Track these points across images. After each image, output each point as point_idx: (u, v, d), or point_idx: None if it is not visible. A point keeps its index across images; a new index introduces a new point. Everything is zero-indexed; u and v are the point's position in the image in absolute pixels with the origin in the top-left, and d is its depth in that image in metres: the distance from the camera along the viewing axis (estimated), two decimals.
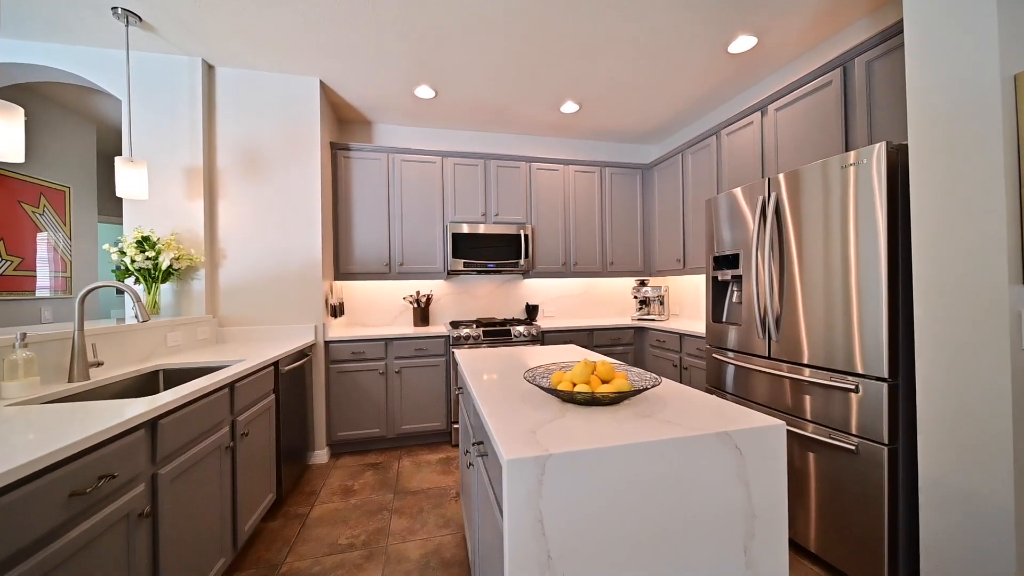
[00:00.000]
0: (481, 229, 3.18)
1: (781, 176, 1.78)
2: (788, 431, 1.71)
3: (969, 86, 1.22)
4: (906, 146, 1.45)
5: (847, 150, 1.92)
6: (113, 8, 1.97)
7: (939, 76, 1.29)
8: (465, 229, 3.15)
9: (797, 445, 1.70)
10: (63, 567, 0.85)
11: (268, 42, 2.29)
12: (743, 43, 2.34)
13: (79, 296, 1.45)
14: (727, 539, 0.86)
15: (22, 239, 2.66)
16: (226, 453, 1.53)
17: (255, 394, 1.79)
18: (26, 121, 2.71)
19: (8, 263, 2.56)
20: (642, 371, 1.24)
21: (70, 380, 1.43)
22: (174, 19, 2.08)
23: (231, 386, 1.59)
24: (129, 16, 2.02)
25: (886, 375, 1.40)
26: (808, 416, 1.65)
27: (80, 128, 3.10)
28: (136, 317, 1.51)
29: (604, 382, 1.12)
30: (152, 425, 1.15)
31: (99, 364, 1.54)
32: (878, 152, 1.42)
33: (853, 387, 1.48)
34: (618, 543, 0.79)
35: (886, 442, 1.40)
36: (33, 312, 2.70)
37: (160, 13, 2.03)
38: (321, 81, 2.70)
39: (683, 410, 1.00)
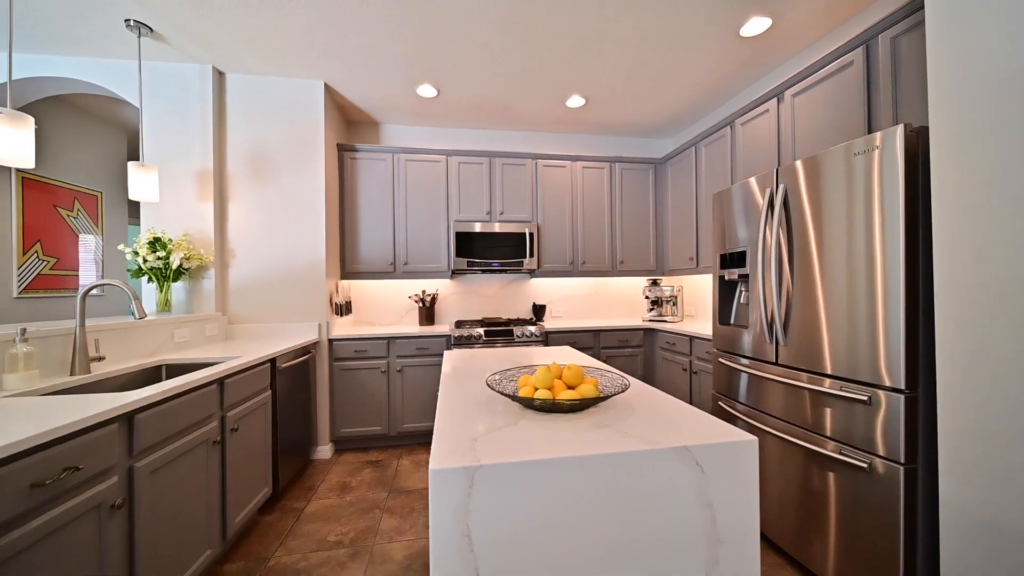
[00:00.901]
0: (486, 228, 3.15)
1: (794, 165, 1.64)
2: (797, 445, 1.57)
3: (998, 60, 1.06)
4: (927, 129, 1.29)
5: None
6: (126, 20, 2.07)
7: (964, 48, 1.14)
8: (469, 228, 3.13)
9: (806, 460, 1.55)
10: (26, 555, 0.88)
11: (272, 47, 2.34)
12: (756, 25, 2.18)
13: (80, 294, 1.53)
14: (686, 566, 0.77)
15: (58, 241, 2.87)
16: (214, 447, 1.56)
17: (248, 390, 1.83)
18: (60, 130, 2.92)
19: (45, 263, 2.77)
20: (616, 376, 1.16)
21: (71, 374, 1.51)
22: (182, 29, 2.16)
23: (220, 382, 1.63)
24: (141, 27, 2.12)
25: (903, 386, 1.25)
26: (816, 429, 1.51)
27: (111, 136, 3.31)
28: (133, 314, 1.57)
29: (570, 387, 1.05)
30: (129, 419, 1.18)
31: (100, 359, 1.62)
32: (895, 136, 1.27)
33: (865, 398, 1.34)
34: (558, 565, 0.73)
35: (902, 461, 1.25)
36: (67, 309, 2.91)
37: (169, 23, 2.12)
38: (326, 84, 2.75)
39: (649, 419, 0.92)
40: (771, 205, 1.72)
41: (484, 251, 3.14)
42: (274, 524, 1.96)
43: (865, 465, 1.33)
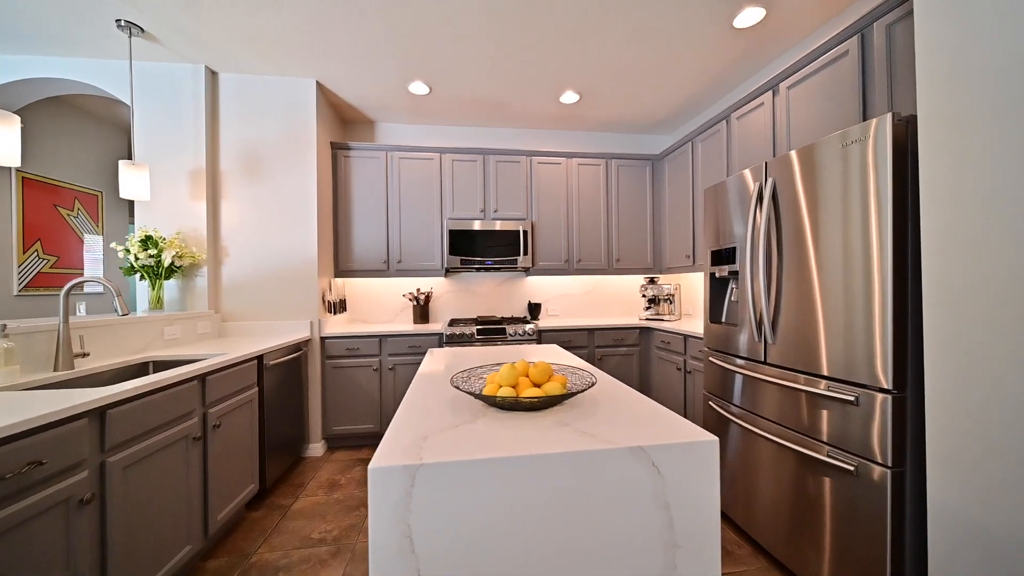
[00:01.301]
0: (480, 226, 3.13)
1: (782, 158, 1.59)
2: (786, 447, 1.51)
3: (989, 41, 1.01)
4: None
5: None
6: (116, 21, 2.09)
7: (953, 29, 1.08)
8: (463, 226, 3.11)
9: (794, 462, 1.51)
10: None
11: (264, 46, 2.35)
12: (749, 16, 2.13)
13: (63, 291, 1.54)
14: (642, 570, 0.74)
15: (57, 239, 2.92)
16: (194, 444, 1.57)
17: (233, 387, 1.83)
18: (60, 130, 2.97)
19: (45, 261, 2.82)
20: (587, 373, 1.13)
21: (55, 370, 1.52)
22: (174, 29, 2.18)
23: (202, 378, 1.63)
24: (132, 28, 2.14)
25: (890, 386, 1.20)
26: (805, 430, 1.46)
27: (111, 136, 3.36)
28: (116, 311, 1.58)
29: (536, 385, 1.03)
30: (100, 414, 1.18)
31: (85, 355, 1.63)
32: (884, 126, 1.22)
33: (853, 399, 1.29)
34: (507, 568, 0.71)
35: (889, 464, 1.20)
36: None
37: (160, 23, 2.14)
38: (318, 82, 2.75)
39: (613, 418, 0.89)
40: (760, 199, 1.67)
41: (478, 249, 3.13)
42: (260, 521, 1.97)
43: (852, 468, 1.29)
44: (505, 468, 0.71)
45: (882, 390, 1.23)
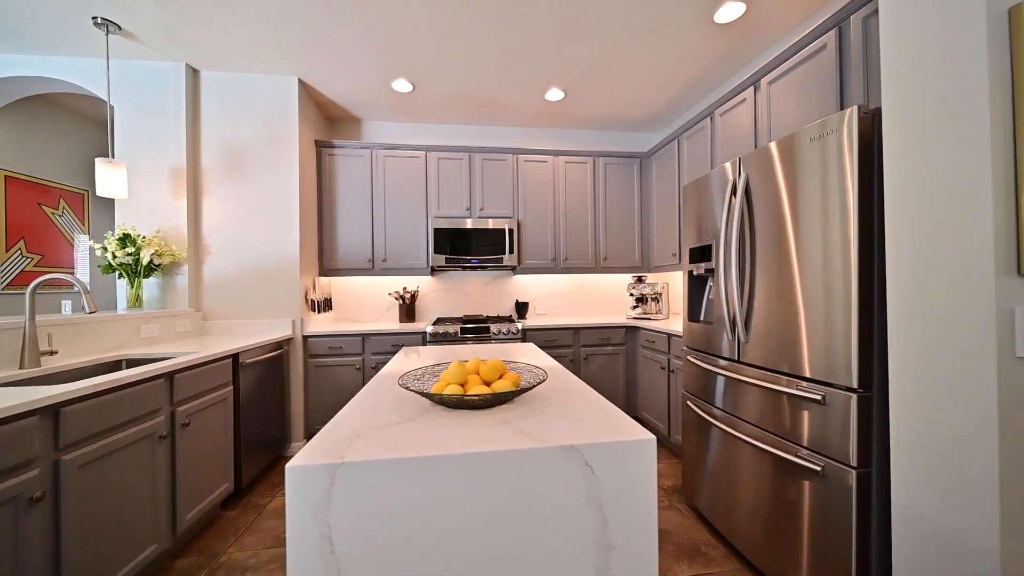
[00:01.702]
0: (466, 224, 3.11)
1: (754, 154, 1.56)
2: (759, 448, 1.49)
3: (950, 27, 0.98)
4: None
5: None
6: (93, 18, 2.09)
7: (915, 17, 1.06)
8: (448, 224, 3.09)
9: (765, 463, 1.48)
10: None
11: (244, 43, 2.34)
12: (730, 11, 2.10)
13: (29, 288, 1.54)
14: (575, 572, 0.72)
15: (42, 238, 2.92)
16: (160, 442, 1.56)
17: (204, 385, 1.82)
18: (46, 129, 2.98)
19: (29, 260, 2.82)
20: (542, 371, 1.11)
21: (20, 367, 1.52)
22: (152, 26, 2.17)
23: (169, 376, 1.62)
24: (108, 25, 2.13)
25: (855, 384, 1.18)
26: (776, 430, 1.43)
27: (97, 134, 3.36)
28: (84, 308, 1.57)
29: (487, 383, 1.01)
30: (54, 412, 1.17)
31: (53, 353, 1.62)
32: (851, 119, 1.20)
33: (819, 398, 1.26)
34: (433, 567, 0.69)
35: (854, 464, 1.17)
36: (52, 305, 2.96)
37: (137, 21, 2.13)
38: (300, 80, 2.74)
39: (558, 416, 0.87)
40: (733, 193, 1.65)
41: (463, 247, 3.11)
42: (234, 520, 1.96)
43: (819, 468, 1.26)
44: (431, 467, 0.69)
45: (848, 389, 1.20)
